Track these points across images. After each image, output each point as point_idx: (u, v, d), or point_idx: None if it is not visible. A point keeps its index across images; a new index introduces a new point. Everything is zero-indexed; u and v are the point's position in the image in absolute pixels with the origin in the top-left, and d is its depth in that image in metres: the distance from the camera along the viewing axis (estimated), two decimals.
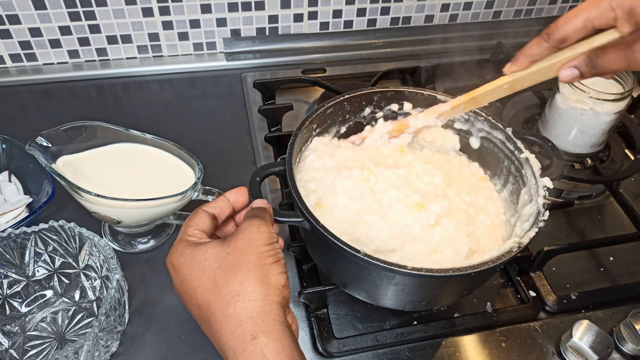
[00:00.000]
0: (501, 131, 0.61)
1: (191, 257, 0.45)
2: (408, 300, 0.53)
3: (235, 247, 0.44)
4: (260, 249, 0.44)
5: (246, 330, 0.40)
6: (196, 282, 0.43)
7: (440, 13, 1.01)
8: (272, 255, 0.44)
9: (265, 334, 0.40)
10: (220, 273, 0.43)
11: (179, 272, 0.45)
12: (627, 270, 0.69)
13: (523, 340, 0.61)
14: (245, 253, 0.43)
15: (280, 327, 0.41)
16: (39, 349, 0.57)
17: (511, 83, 0.55)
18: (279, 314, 0.41)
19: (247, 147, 0.81)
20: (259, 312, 0.41)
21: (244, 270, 0.42)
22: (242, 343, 0.40)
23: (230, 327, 0.41)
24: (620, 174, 0.76)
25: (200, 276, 0.43)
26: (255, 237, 0.44)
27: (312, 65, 0.96)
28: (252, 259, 0.43)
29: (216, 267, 0.43)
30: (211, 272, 0.43)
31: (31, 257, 0.59)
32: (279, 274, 0.43)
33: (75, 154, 0.61)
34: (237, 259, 0.43)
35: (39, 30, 0.86)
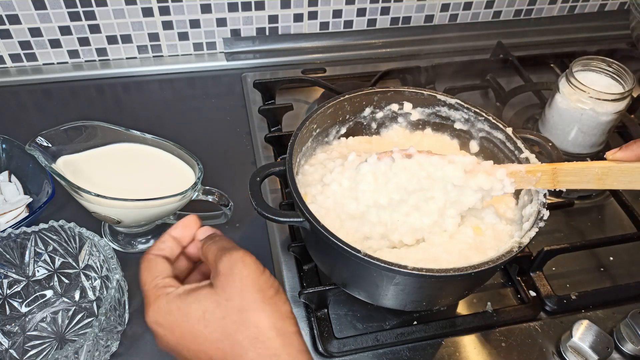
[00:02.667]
0: (501, 131, 0.61)
1: (183, 312, 0.42)
2: (408, 300, 0.53)
3: (232, 291, 0.41)
4: (257, 284, 0.41)
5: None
6: (201, 338, 0.41)
7: (440, 13, 1.01)
8: (270, 285, 0.42)
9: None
10: (228, 322, 0.40)
11: (174, 331, 0.42)
12: (627, 270, 0.69)
13: (523, 340, 0.61)
14: (246, 294, 0.41)
15: (306, 356, 0.40)
16: (39, 349, 0.57)
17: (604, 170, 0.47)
18: (299, 342, 0.40)
19: (247, 147, 0.81)
20: (282, 348, 0.39)
21: (253, 311, 0.40)
22: None
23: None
24: None
25: (205, 330, 0.41)
26: (246, 273, 0.42)
27: (312, 65, 0.96)
28: (256, 297, 0.41)
29: (220, 317, 0.41)
30: (217, 323, 0.41)
31: (31, 257, 0.59)
32: (284, 303, 0.42)
33: (75, 154, 0.61)
34: (240, 302, 0.41)
35: (39, 30, 0.86)
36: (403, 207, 0.56)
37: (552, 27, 1.06)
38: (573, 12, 1.07)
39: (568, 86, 0.74)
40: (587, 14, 1.08)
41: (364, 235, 0.56)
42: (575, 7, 1.06)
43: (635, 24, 0.90)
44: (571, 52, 0.97)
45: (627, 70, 0.74)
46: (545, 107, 0.79)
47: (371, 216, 0.56)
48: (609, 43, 1.05)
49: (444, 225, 0.56)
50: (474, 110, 0.63)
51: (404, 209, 0.56)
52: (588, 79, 0.74)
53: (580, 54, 0.84)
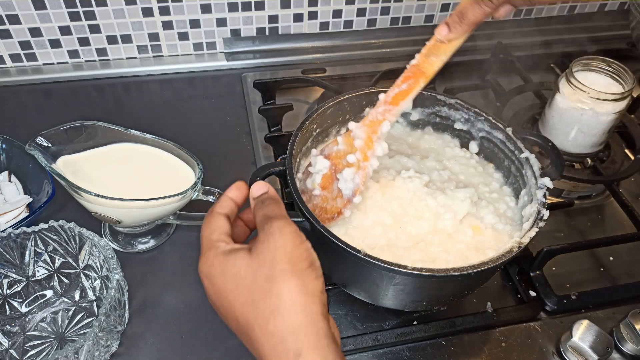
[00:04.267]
0: (501, 131, 0.61)
1: (222, 269, 0.42)
2: (408, 300, 0.53)
3: (265, 259, 0.41)
4: (290, 255, 0.41)
5: (289, 348, 0.38)
6: (232, 297, 0.41)
7: (440, 13, 1.01)
8: (304, 258, 0.41)
9: (310, 351, 0.37)
10: (255, 287, 0.40)
11: (214, 283, 0.43)
12: (627, 270, 0.69)
13: (523, 340, 0.61)
14: (276, 262, 0.40)
15: (325, 340, 0.38)
16: (39, 349, 0.57)
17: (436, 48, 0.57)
18: (322, 325, 0.39)
19: (247, 147, 0.81)
20: (300, 326, 0.38)
21: (279, 282, 0.40)
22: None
23: (271, 344, 0.38)
24: (620, 174, 0.76)
25: (235, 290, 0.41)
26: (280, 242, 0.41)
27: (312, 65, 0.96)
28: (285, 268, 0.40)
29: (249, 281, 0.41)
30: (245, 287, 0.41)
31: (31, 257, 0.59)
32: (315, 279, 0.41)
33: (75, 154, 0.61)
34: (269, 270, 0.40)
35: (39, 30, 0.86)
36: (403, 218, 0.56)
37: (552, 27, 1.06)
38: (573, 12, 1.07)
39: (568, 86, 0.74)
40: (587, 14, 1.08)
41: (367, 244, 0.56)
42: (575, 7, 1.06)
43: (635, 24, 0.90)
44: (571, 52, 0.97)
45: (627, 70, 0.74)
46: (545, 107, 0.79)
47: (376, 231, 0.56)
48: (609, 43, 1.05)
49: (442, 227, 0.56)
50: (474, 110, 0.63)
51: (403, 219, 0.56)
52: (588, 79, 0.74)
53: (580, 54, 0.84)
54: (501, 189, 0.63)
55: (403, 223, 0.55)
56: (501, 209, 0.60)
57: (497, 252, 0.50)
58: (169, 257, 0.67)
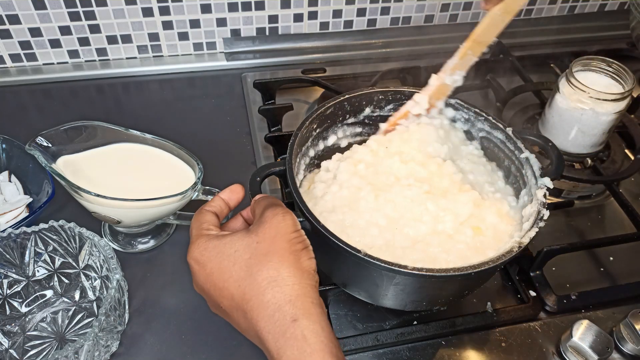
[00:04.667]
0: (501, 131, 0.61)
1: (218, 250, 0.45)
2: (408, 300, 0.53)
3: (265, 236, 0.44)
4: (289, 236, 0.44)
5: (286, 314, 0.41)
6: (227, 274, 0.44)
7: (440, 13, 1.01)
8: (300, 241, 0.45)
9: (305, 317, 0.40)
10: (253, 262, 0.43)
11: (205, 267, 0.45)
12: (627, 270, 0.69)
13: (523, 340, 0.61)
14: (276, 241, 0.44)
15: (318, 309, 0.42)
16: (39, 349, 0.57)
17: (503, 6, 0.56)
18: (315, 296, 0.42)
19: (247, 147, 0.81)
20: (297, 296, 0.41)
21: (278, 257, 0.43)
22: (282, 326, 0.40)
23: (268, 312, 0.41)
24: (620, 174, 0.76)
25: (231, 268, 0.44)
26: (282, 224, 0.45)
27: (312, 65, 0.96)
28: (283, 246, 0.44)
29: (248, 257, 0.44)
30: (243, 262, 0.43)
31: (31, 257, 0.59)
32: (309, 259, 0.45)
33: (75, 154, 0.61)
34: (269, 246, 0.44)
35: (39, 30, 0.86)
36: (400, 221, 0.56)
37: (552, 27, 1.06)
38: (573, 12, 1.07)
39: (568, 86, 0.74)
40: (587, 14, 1.08)
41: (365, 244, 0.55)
42: (575, 7, 1.06)
43: (635, 24, 0.90)
44: (571, 52, 0.97)
45: (627, 70, 0.74)
46: (545, 107, 0.79)
47: (372, 231, 0.55)
48: (609, 43, 1.05)
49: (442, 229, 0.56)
50: (474, 110, 0.63)
51: (400, 222, 0.56)
52: (588, 79, 0.74)
53: (580, 54, 0.84)
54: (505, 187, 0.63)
55: (400, 225, 0.55)
56: (504, 210, 0.59)
57: (497, 252, 0.50)
58: (169, 257, 0.67)
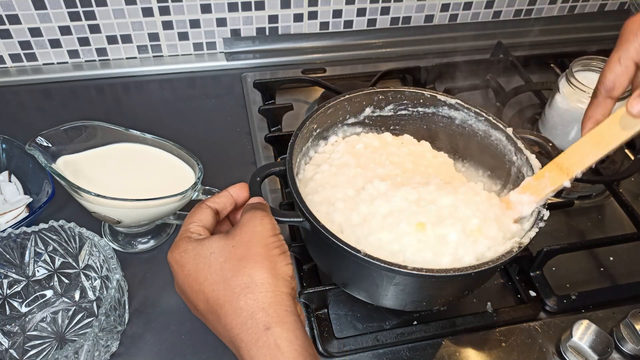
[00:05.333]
0: (501, 131, 0.61)
1: (195, 252, 0.44)
2: (408, 300, 0.53)
3: (241, 240, 0.44)
4: (266, 241, 0.44)
5: (259, 322, 0.40)
6: (202, 277, 0.43)
7: (440, 13, 1.01)
8: (278, 246, 0.44)
9: (279, 325, 0.40)
10: (227, 266, 0.43)
11: (183, 268, 0.45)
12: (627, 270, 0.69)
13: (523, 340, 0.61)
14: (252, 245, 0.43)
15: (292, 317, 0.41)
16: (39, 349, 0.57)
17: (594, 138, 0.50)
18: (290, 304, 0.42)
19: (247, 147, 0.81)
20: (270, 303, 0.41)
21: (252, 262, 0.42)
22: (254, 334, 0.40)
23: (241, 319, 0.41)
24: (620, 174, 0.76)
25: (207, 270, 0.43)
26: (259, 229, 0.44)
27: (312, 65, 0.96)
28: (259, 251, 0.43)
29: (222, 260, 0.43)
30: (218, 266, 0.43)
31: (31, 257, 0.59)
32: (286, 265, 0.44)
33: (75, 154, 0.61)
34: (244, 251, 0.43)
35: (39, 30, 0.86)
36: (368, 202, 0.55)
37: (552, 27, 1.06)
38: (573, 12, 1.07)
39: (568, 86, 0.74)
40: (587, 14, 1.08)
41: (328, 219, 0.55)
42: (575, 7, 1.06)
43: None
44: (571, 52, 0.97)
45: None
46: (545, 107, 0.79)
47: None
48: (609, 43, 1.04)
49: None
50: (474, 111, 0.63)
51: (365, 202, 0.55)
52: (588, 79, 0.74)
53: (580, 54, 0.84)
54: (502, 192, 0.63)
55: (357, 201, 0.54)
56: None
57: (497, 252, 0.50)
58: None
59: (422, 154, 0.65)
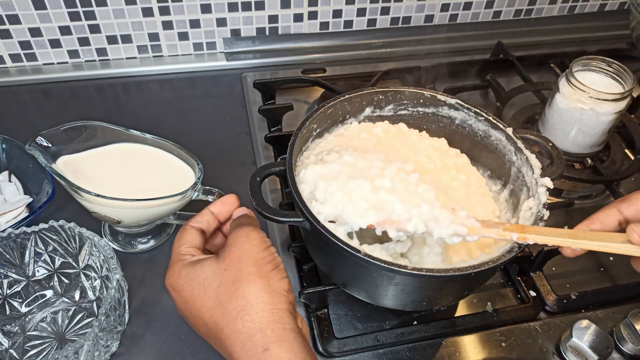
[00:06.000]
0: (501, 131, 0.61)
1: (189, 278, 0.44)
2: (408, 300, 0.53)
3: (231, 262, 0.43)
4: (256, 258, 0.43)
5: (257, 343, 0.40)
6: (199, 303, 0.43)
7: (440, 13, 1.01)
8: (269, 261, 0.44)
9: (277, 345, 0.40)
10: (221, 290, 0.42)
11: (181, 294, 0.45)
12: (627, 270, 0.68)
13: (523, 340, 0.61)
14: (242, 265, 0.43)
15: (291, 334, 0.40)
16: (39, 349, 0.57)
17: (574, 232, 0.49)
18: (288, 321, 0.41)
19: (247, 147, 0.81)
20: (267, 323, 0.40)
21: (245, 283, 0.42)
22: (254, 356, 0.40)
23: (240, 341, 0.40)
24: (620, 174, 0.76)
25: (202, 296, 0.43)
26: (247, 246, 0.44)
27: (312, 65, 0.96)
28: (250, 270, 0.43)
29: (217, 285, 0.43)
30: (212, 291, 0.43)
31: (31, 257, 0.59)
32: (280, 279, 0.43)
33: (75, 154, 0.61)
34: (236, 273, 0.43)
35: (39, 30, 0.86)
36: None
37: (552, 27, 1.06)
38: (573, 12, 1.07)
39: (568, 86, 0.74)
40: (587, 14, 1.08)
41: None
42: (575, 7, 1.06)
43: (635, 24, 0.90)
44: (571, 52, 0.97)
45: (627, 70, 0.74)
46: (545, 107, 0.79)
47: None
48: (609, 43, 1.05)
49: None
50: (474, 111, 0.63)
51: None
52: (588, 79, 0.74)
53: (580, 54, 0.84)
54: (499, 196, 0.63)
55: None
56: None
57: (498, 252, 0.50)
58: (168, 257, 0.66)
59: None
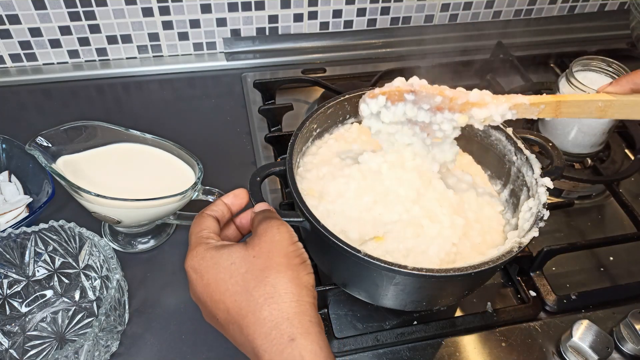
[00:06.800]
0: (501, 131, 0.61)
1: (214, 261, 0.44)
2: (408, 300, 0.53)
3: (261, 250, 0.43)
4: (286, 250, 0.44)
5: (283, 332, 0.40)
6: (223, 287, 0.43)
7: (440, 13, 1.01)
8: (298, 255, 0.44)
9: (303, 336, 0.40)
10: (249, 277, 0.42)
11: (203, 277, 0.44)
12: (627, 270, 0.69)
13: (523, 340, 0.61)
14: (273, 255, 0.43)
15: (316, 328, 0.41)
16: (39, 349, 0.57)
17: (606, 104, 0.50)
18: (314, 314, 0.41)
19: (247, 147, 0.81)
20: (295, 314, 0.40)
21: (275, 272, 0.42)
22: (279, 345, 0.39)
23: (265, 329, 0.40)
24: (620, 174, 0.76)
25: (228, 280, 0.43)
26: (278, 238, 0.44)
27: (312, 65, 0.96)
28: (280, 261, 0.43)
29: (244, 270, 0.43)
30: (239, 276, 0.43)
31: (31, 257, 0.59)
32: (307, 274, 0.43)
33: (75, 154, 0.61)
34: (265, 261, 0.43)
35: (39, 30, 0.86)
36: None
37: (552, 27, 1.06)
38: (573, 12, 1.07)
39: (568, 86, 0.74)
40: (587, 14, 1.08)
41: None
42: (575, 7, 1.06)
43: (635, 24, 0.90)
44: (571, 52, 0.97)
45: (627, 70, 0.74)
46: None
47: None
48: (609, 43, 1.05)
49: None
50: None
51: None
52: (588, 79, 0.74)
53: (580, 54, 0.84)
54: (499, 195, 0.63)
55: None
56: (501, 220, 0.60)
57: (498, 252, 0.50)
58: (169, 257, 0.67)
59: None
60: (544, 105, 0.52)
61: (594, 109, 0.50)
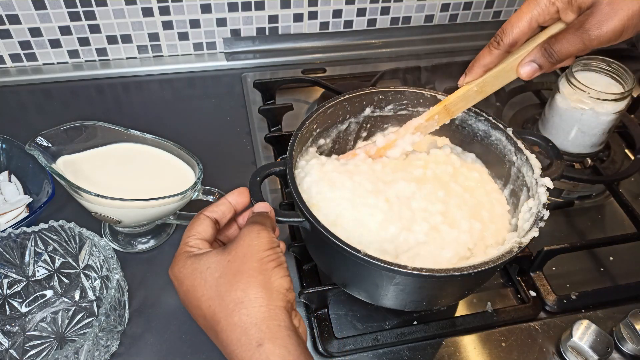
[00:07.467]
0: (501, 131, 0.61)
1: (193, 268, 0.44)
2: (408, 300, 0.53)
3: (236, 254, 0.44)
4: (260, 255, 0.44)
5: (252, 338, 0.40)
6: (199, 292, 0.43)
7: (440, 13, 1.01)
8: (273, 259, 0.44)
9: (271, 341, 0.40)
10: (222, 281, 0.42)
11: (182, 284, 0.45)
12: (627, 270, 0.69)
13: (523, 340, 0.61)
14: (247, 260, 0.43)
15: (285, 332, 0.41)
16: (39, 349, 0.57)
17: (480, 86, 0.56)
18: (284, 318, 0.41)
19: (247, 147, 0.81)
20: (263, 319, 0.41)
21: (246, 277, 0.42)
22: (248, 351, 0.40)
23: (236, 335, 0.41)
24: (620, 174, 0.76)
25: (203, 286, 0.43)
26: (255, 242, 0.44)
27: (312, 65, 0.96)
28: (253, 265, 0.43)
29: (218, 275, 0.43)
30: (213, 281, 0.43)
31: (31, 257, 0.59)
32: (281, 277, 0.43)
33: (75, 154, 0.61)
34: (239, 266, 0.43)
35: (39, 30, 0.86)
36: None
37: None
38: None
39: (568, 86, 0.74)
40: None
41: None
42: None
43: None
44: None
45: (627, 70, 0.74)
46: (545, 107, 0.79)
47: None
48: None
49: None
50: (474, 111, 0.63)
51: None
52: (588, 79, 0.74)
53: None
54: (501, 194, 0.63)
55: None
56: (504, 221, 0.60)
57: (498, 252, 0.50)
58: (169, 257, 0.66)
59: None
60: (437, 115, 0.60)
61: (473, 95, 0.57)
